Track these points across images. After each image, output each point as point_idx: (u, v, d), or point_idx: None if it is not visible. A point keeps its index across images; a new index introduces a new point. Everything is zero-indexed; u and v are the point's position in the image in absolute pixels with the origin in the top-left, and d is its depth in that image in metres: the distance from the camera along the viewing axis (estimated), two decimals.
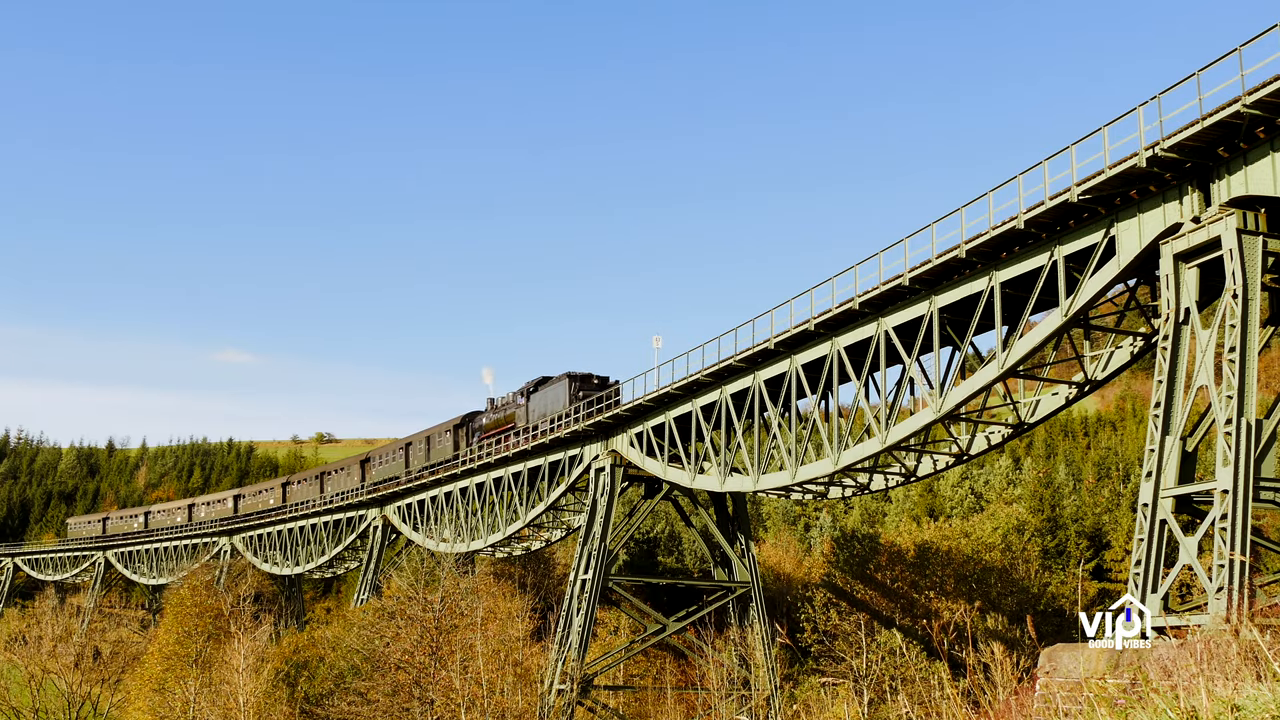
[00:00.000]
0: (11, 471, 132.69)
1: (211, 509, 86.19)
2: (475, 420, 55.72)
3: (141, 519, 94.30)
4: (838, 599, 52.13)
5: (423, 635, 36.41)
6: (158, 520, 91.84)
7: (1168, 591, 21.09)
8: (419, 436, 61.03)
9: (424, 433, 60.72)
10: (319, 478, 72.50)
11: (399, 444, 63.66)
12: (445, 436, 57.69)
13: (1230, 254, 21.05)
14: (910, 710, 11.24)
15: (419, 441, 60.90)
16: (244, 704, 39.22)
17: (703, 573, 63.82)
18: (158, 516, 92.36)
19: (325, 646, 49.70)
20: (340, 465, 71.20)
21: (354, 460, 68.73)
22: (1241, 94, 19.98)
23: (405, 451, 62.37)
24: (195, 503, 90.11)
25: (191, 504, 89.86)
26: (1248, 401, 20.44)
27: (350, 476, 67.98)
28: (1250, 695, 7.01)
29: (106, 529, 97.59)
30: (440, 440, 58.20)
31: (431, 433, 59.64)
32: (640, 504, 47.41)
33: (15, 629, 71.88)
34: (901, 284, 29.05)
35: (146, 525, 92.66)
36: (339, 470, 70.45)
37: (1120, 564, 54.64)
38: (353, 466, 68.03)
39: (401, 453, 62.72)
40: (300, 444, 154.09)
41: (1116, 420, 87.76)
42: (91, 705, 55.01)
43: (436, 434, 58.88)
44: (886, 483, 37.70)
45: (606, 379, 46.58)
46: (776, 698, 40.19)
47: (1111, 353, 28.44)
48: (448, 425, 57.64)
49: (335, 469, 71.57)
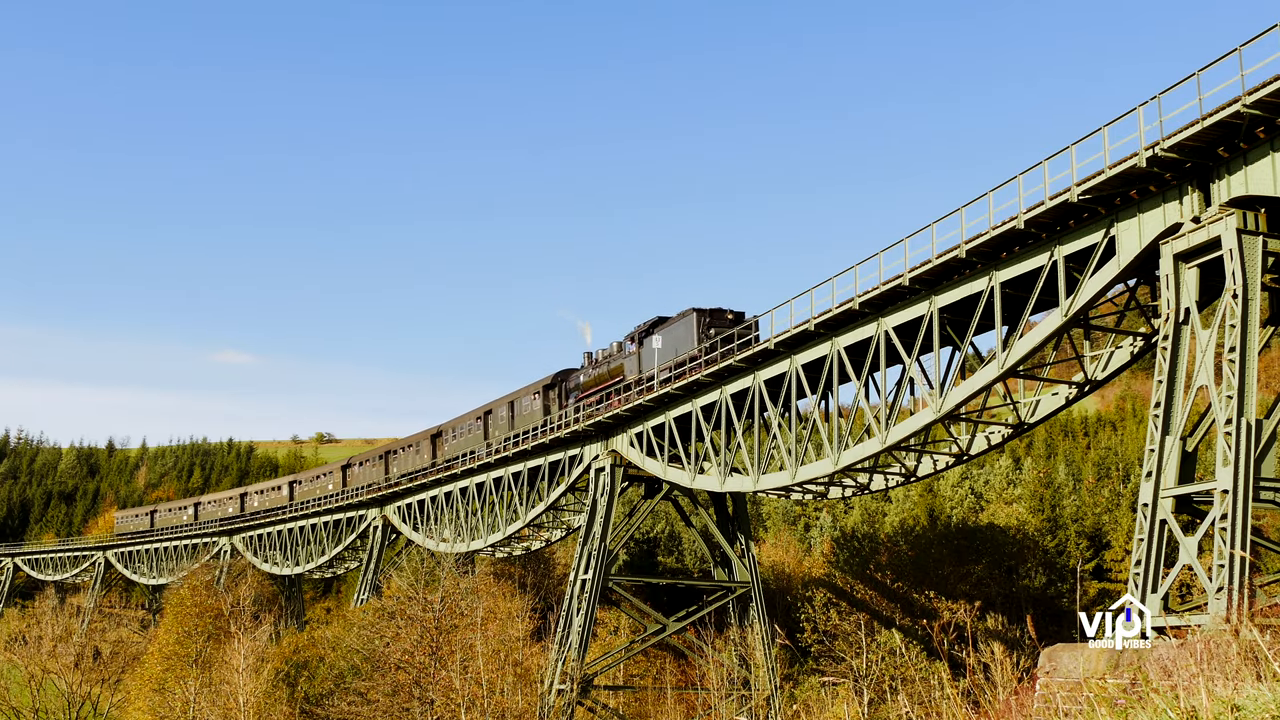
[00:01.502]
0: (11, 471, 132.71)
1: (265, 498, 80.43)
2: (569, 379, 48.55)
3: (192, 510, 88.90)
4: (838, 599, 52.12)
5: (423, 635, 36.42)
6: (207, 512, 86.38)
7: (1168, 591, 21.09)
8: (500, 402, 53.92)
9: (506, 398, 53.41)
10: (383, 457, 65.60)
11: (475, 413, 56.38)
12: (533, 400, 50.20)
13: (1230, 254, 21.05)
14: (910, 710, 11.24)
15: (500, 408, 53.58)
16: (244, 704, 39.24)
17: (703, 573, 63.80)
18: (208, 508, 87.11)
19: (325, 646, 49.73)
20: (409, 443, 63.48)
21: (423, 436, 61.36)
22: (1241, 94, 19.98)
23: (484, 421, 54.93)
24: (248, 491, 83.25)
25: (244, 493, 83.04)
26: (1248, 401, 20.44)
27: (420, 454, 60.95)
28: (1250, 695, 7.01)
29: (154, 522, 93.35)
30: (526, 404, 50.86)
31: (516, 397, 52.18)
32: (640, 504, 47.41)
33: (15, 629, 71.88)
34: (901, 284, 29.05)
35: (197, 517, 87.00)
36: (407, 448, 63.25)
37: (1120, 564, 54.63)
38: (422, 443, 60.94)
39: (479, 423, 55.41)
40: (300, 444, 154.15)
41: (1116, 420, 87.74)
42: (91, 705, 55.01)
43: (522, 398, 51.50)
44: (886, 483, 37.71)
45: (741, 314, 39.76)
46: (776, 698, 40.19)
47: (1111, 353, 28.45)
48: (535, 386, 50.29)
49: (402, 447, 64.19)
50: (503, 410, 53.03)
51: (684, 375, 39.03)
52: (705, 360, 38.10)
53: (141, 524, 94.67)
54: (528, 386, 51.14)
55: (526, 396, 50.92)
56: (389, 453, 65.60)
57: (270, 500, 79.03)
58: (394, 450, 65.15)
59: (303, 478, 78.44)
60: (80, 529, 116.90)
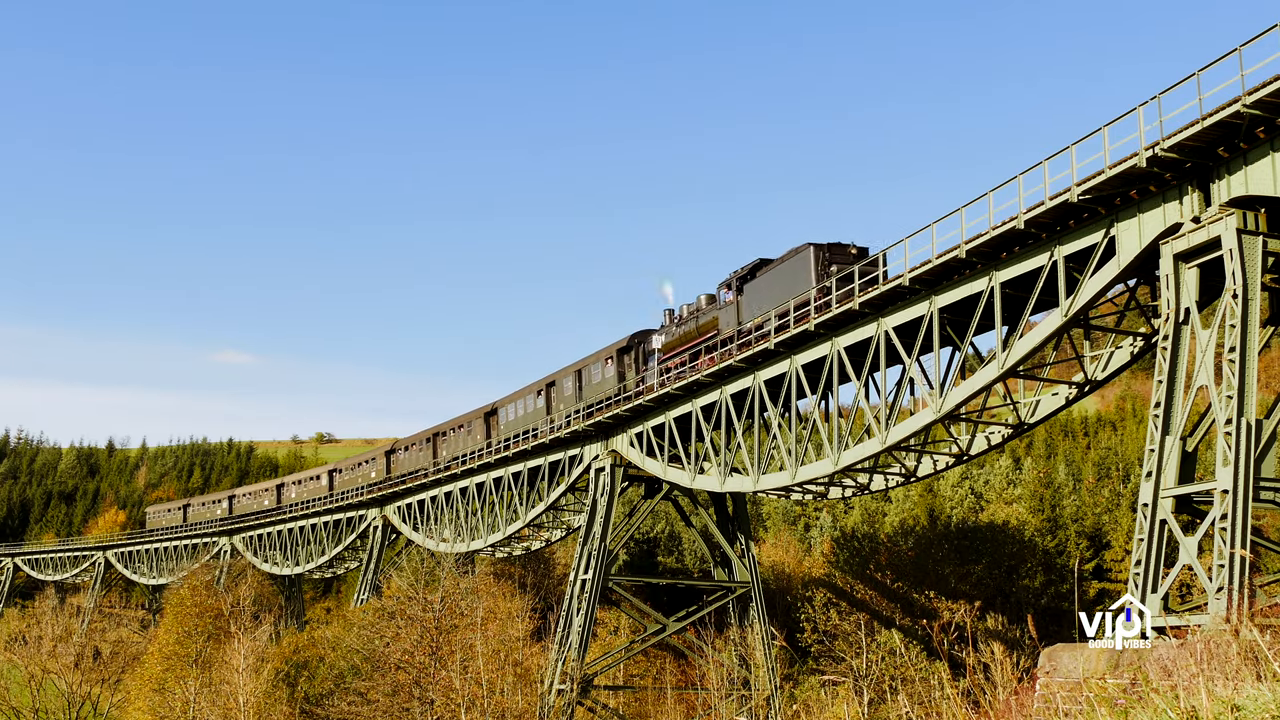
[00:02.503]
0: (11, 471, 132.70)
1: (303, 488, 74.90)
2: (647, 341, 43.16)
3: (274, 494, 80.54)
4: (838, 599, 52.13)
5: (423, 635, 36.42)
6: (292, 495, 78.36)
7: (1168, 591, 21.09)
8: (566, 371, 48.09)
9: (573, 366, 47.62)
10: (430, 440, 60.27)
11: (536, 386, 50.60)
12: (605, 367, 44.75)
13: (1230, 254, 21.04)
14: (910, 710, 11.25)
15: (565, 379, 47.87)
16: (244, 704, 39.24)
17: (703, 573, 63.80)
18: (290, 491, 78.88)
19: (325, 646, 49.72)
20: (459, 423, 57.84)
21: (476, 415, 56.25)
22: (1241, 94, 19.96)
23: (545, 394, 49.43)
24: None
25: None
26: (1248, 401, 20.43)
27: (473, 435, 55.84)
28: (1250, 695, 7.01)
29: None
30: (596, 373, 45.41)
31: (586, 364, 46.54)
32: (640, 504, 47.39)
33: (15, 629, 71.86)
34: (901, 284, 29.04)
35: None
36: (458, 429, 57.80)
37: (1120, 564, 54.61)
38: (475, 423, 55.94)
39: (540, 397, 49.88)
40: (300, 444, 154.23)
41: (1116, 420, 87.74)
42: (91, 705, 55.00)
43: (593, 365, 45.92)
44: (886, 483, 37.71)
45: (865, 250, 33.92)
46: (776, 698, 40.19)
47: (1111, 353, 28.44)
48: (607, 351, 44.87)
49: (452, 428, 58.59)
50: (568, 381, 47.40)
51: (802, 319, 32.97)
52: (822, 304, 32.45)
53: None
54: (597, 353, 45.83)
55: (596, 364, 45.51)
56: (437, 435, 60.02)
57: (309, 491, 74.05)
58: (443, 432, 59.58)
59: (343, 465, 72.58)
60: (80, 529, 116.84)
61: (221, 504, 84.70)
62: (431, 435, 60.53)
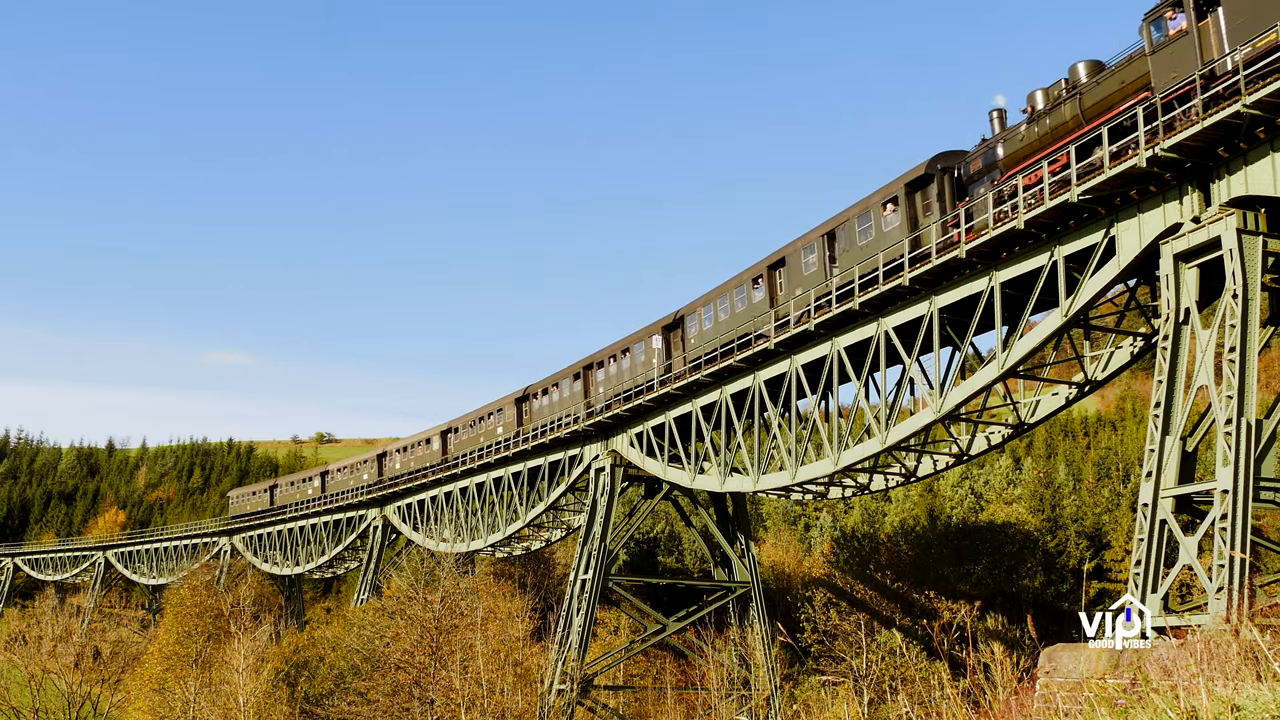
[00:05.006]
0: (11, 471, 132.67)
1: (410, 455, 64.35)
2: (958, 164, 28.85)
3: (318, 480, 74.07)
4: (838, 599, 52.13)
5: (423, 635, 36.41)
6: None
7: (1168, 591, 21.07)
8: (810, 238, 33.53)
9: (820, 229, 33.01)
10: (518, 403, 51.45)
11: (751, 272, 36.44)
12: (882, 215, 30.37)
13: (1230, 254, 21.03)
14: (910, 710, 11.25)
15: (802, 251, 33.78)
16: (244, 704, 39.24)
17: (703, 573, 63.80)
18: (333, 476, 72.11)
19: (325, 646, 49.71)
20: (554, 381, 48.64)
21: (569, 373, 47.32)
22: (1241, 94, 19.95)
23: (768, 279, 35.25)
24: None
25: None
26: (1248, 401, 20.42)
27: (573, 397, 46.58)
28: (1250, 695, 7.01)
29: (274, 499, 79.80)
30: (874, 218, 30.78)
31: (847, 218, 31.84)
32: (640, 504, 47.39)
33: (15, 629, 71.80)
34: (901, 284, 29.04)
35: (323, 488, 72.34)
36: (548, 391, 49.15)
37: (1120, 564, 54.61)
38: (566, 380, 47.40)
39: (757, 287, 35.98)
40: (300, 444, 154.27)
41: (1116, 420, 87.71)
42: (91, 705, 54.95)
43: (856, 218, 31.47)
44: (886, 483, 37.72)
45: None
46: (776, 698, 40.18)
47: (1111, 353, 28.45)
48: (888, 191, 30.18)
49: (544, 388, 49.56)
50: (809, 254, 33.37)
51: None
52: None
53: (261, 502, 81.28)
54: (864, 200, 31.49)
55: (864, 214, 31.18)
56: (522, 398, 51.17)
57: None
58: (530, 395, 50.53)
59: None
60: (80, 529, 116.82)
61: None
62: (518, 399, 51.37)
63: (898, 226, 29.80)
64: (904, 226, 29.55)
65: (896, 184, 29.89)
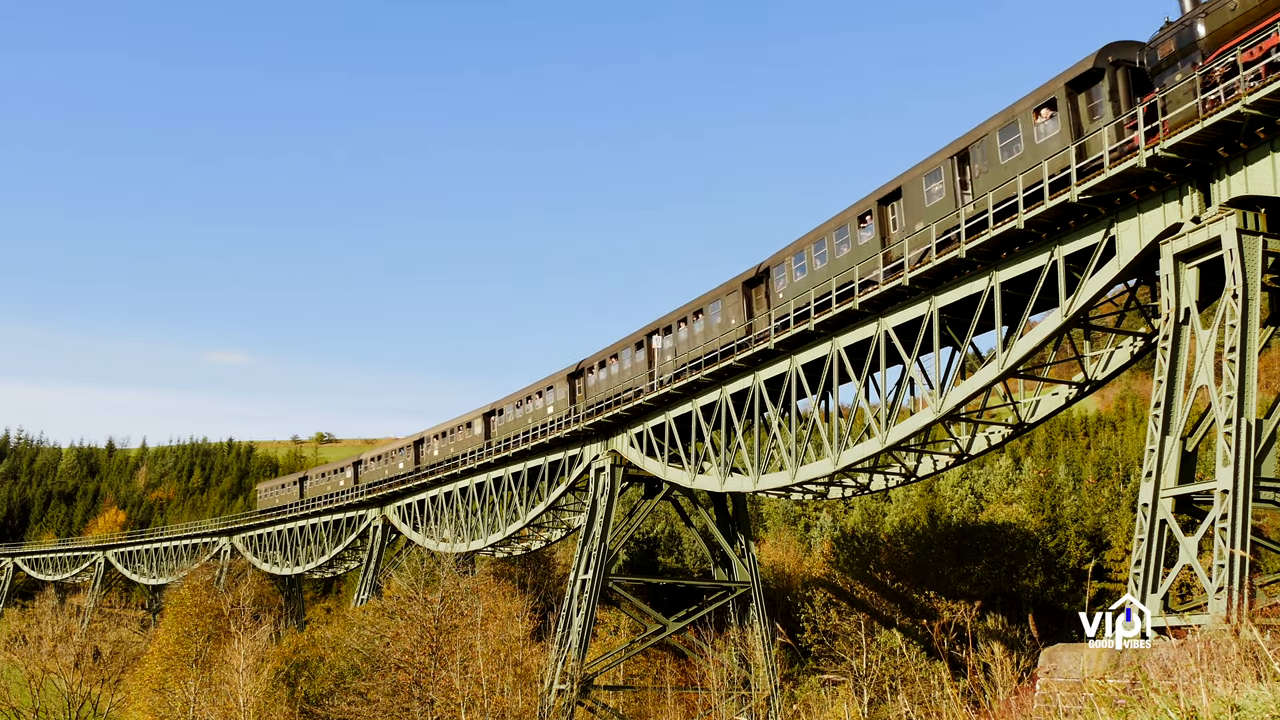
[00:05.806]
0: (11, 471, 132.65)
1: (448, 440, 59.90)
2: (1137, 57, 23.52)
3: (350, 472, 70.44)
4: (838, 599, 52.12)
5: (423, 635, 36.40)
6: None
7: (1168, 591, 21.07)
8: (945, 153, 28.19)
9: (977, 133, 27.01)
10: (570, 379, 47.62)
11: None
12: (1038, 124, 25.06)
13: (1230, 254, 21.03)
14: (910, 710, 11.24)
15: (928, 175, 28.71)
16: (244, 704, 39.23)
17: (703, 573, 63.78)
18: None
19: (325, 646, 49.70)
20: (612, 353, 44.55)
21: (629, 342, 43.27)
22: (1241, 94, 19.95)
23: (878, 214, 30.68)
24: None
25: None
26: (1248, 401, 20.42)
27: (635, 368, 42.45)
28: (1250, 695, 7.01)
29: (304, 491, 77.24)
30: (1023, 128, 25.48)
31: (986, 132, 26.67)
32: (640, 504, 47.38)
33: (15, 629, 71.81)
34: (901, 284, 29.04)
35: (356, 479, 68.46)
36: (605, 364, 44.93)
37: (1120, 564, 54.59)
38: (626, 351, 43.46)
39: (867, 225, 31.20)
40: (300, 444, 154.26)
41: (1116, 420, 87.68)
42: (91, 705, 54.95)
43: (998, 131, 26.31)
44: (886, 483, 37.71)
45: None
46: (776, 698, 40.18)
47: (1111, 353, 28.44)
48: (1045, 92, 24.87)
49: (601, 360, 45.31)
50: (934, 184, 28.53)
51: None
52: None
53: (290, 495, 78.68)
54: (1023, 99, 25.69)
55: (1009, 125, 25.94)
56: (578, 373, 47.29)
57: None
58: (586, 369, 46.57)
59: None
60: (80, 529, 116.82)
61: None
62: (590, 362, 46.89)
63: (1055, 136, 24.47)
64: (1065, 134, 24.20)
65: (1054, 84, 24.51)
